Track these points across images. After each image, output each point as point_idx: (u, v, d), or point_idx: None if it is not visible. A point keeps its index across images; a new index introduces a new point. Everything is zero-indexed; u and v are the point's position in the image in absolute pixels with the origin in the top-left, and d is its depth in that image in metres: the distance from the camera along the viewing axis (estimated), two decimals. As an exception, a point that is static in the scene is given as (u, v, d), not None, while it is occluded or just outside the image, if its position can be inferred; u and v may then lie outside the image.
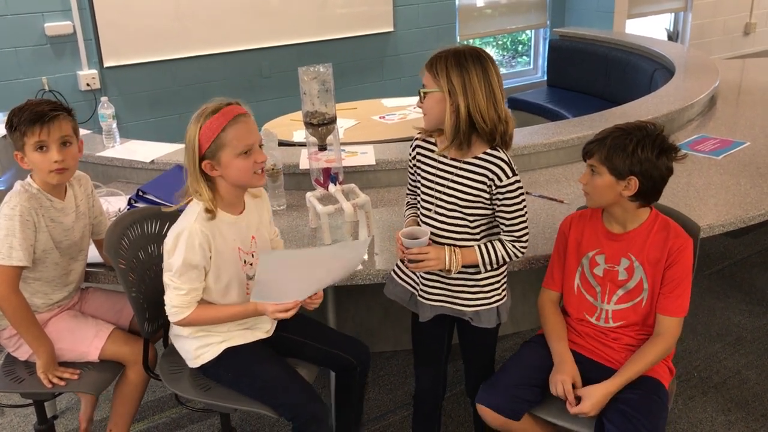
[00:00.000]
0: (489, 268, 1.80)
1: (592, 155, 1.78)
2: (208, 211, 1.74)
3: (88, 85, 4.41)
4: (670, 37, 6.99)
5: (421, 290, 1.87)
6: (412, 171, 1.90)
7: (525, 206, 1.77)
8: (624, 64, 4.59)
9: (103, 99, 2.98)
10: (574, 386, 1.78)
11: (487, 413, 1.83)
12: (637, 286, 1.83)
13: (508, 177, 1.72)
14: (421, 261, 1.75)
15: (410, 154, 1.89)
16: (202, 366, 1.87)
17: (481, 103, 1.65)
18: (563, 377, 1.79)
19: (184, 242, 1.72)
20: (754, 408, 2.44)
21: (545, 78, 5.70)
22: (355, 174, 2.62)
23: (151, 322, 1.97)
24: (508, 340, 2.89)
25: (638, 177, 1.72)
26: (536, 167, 2.83)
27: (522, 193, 1.75)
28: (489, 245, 1.78)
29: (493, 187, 1.73)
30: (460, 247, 1.78)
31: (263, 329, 1.92)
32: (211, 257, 1.76)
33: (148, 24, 4.47)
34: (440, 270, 1.78)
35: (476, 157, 1.74)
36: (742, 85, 4.04)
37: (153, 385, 2.67)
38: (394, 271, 1.97)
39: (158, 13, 4.49)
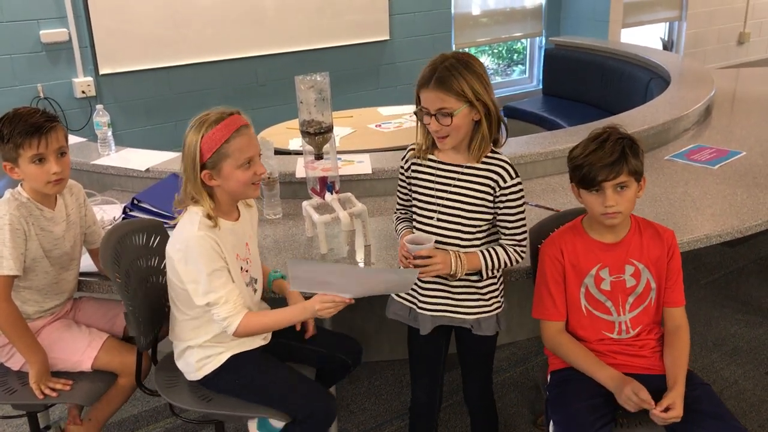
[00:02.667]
0: (490, 273, 1.79)
1: (619, 174, 1.69)
2: (209, 217, 1.72)
3: (83, 92, 4.39)
4: (664, 47, 7.02)
5: (420, 301, 1.84)
6: (406, 186, 1.87)
7: (525, 209, 1.77)
8: (619, 73, 4.60)
9: (99, 107, 2.97)
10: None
11: None
12: (645, 288, 1.83)
13: (512, 178, 1.73)
14: (427, 266, 1.72)
15: (403, 169, 1.86)
16: (204, 378, 1.85)
17: (494, 98, 1.70)
18: (632, 386, 1.67)
19: (196, 251, 1.68)
20: (751, 419, 2.43)
21: (541, 87, 5.70)
22: (351, 183, 2.61)
23: (146, 335, 1.95)
24: (504, 350, 2.88)
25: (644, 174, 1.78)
26: (532, 176, 2.83)
27: (523, 196, 1.76)
28: (491, 250, 1.78)
29: (497, 190, 1.73)
30: (464, 253, 1.78)
31: (261, 335, 1.91)
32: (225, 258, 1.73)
33: (144, 31, 4.46)
34: (446, 274, 1.75)
35: (479, 160, 1.74)
36: (737, 94, 4.06)
37: (147, 396, 2.64)
38: None
39: (154, 21, 4.48)
